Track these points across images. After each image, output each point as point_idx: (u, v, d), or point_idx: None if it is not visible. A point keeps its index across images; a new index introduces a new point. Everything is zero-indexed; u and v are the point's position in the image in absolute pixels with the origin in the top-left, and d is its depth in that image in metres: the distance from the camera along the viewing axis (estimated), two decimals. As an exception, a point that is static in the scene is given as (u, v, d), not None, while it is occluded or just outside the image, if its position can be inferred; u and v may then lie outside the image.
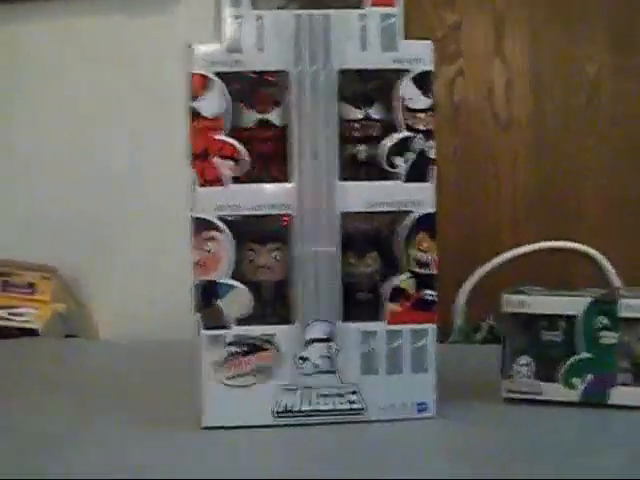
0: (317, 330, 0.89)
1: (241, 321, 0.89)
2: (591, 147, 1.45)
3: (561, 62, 1.45)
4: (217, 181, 0.88)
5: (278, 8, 0.89)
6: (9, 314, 1.42)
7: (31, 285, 1.45)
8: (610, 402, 0.94)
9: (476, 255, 1.43)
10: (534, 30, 1.46)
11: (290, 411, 0.90)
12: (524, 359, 0.96)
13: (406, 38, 0.89)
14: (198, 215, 0.88)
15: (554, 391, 0.95)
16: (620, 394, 0.94)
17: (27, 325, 1.41)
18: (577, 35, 1.44)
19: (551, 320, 0.95)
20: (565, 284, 1.03)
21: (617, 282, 1.39)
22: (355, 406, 0.90)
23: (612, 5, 1.43)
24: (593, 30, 1.43)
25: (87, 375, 1.15)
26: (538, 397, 0.96)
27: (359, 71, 0.89)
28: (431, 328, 0.91)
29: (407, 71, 0.89)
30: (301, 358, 0.89)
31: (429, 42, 0.89)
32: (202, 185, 0.88)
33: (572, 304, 0.95)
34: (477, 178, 1.47)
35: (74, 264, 1.51)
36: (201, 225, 0.88)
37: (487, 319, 1.35)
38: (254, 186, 0.89)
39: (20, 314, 1.42)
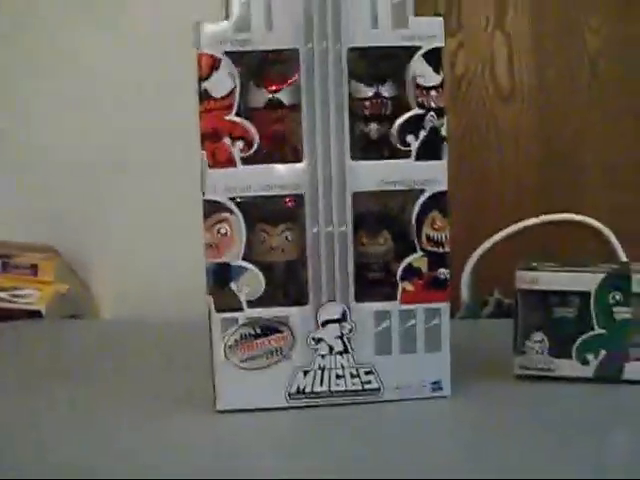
0: (331, 311, 0.89)
1: (254, 303, 0.88)
2: (596, 119, 1.43)
3: (564, 33, 1.43)
4: (228, 162, 0.87)
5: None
6: (11, 295, 1.41)
7: (33, 266, 1.44)
8: (624, 378, 0.94)
9: (480, 229, 1.42)
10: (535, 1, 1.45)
11: (304, 392, 0.89)
12: (537, 336, 0.96)
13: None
14: (209, 197, 0.87)
15: (568, 367, 0.95)
16: (634, 369, 0.94)
17: (30, 306, 1.39)
18: (580, 5, 1.42)
19: (564, 296, 0.95)
20: (571, 257, 1.02)
21: (622, 255, 1.39)
22: (370, 386, 0.90)
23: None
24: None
25: (93, 356, 1.14)
26: (551, 374, 0.95)
27: (370, 49, 0.88)
28: (444, 307, 0.90)
29: (418, 48, 0.87)
30: (315, 339, 0.89)
31: (439, 19, 0.88)
32: (212, 166, 0.87)
33: (585, 280, 0.94)
34: (480, 151, 1.45)
35: (73, 244, 1.49)
36: (212, 207, 0.87)
37: (494, 293, 1.34)
38: (265, 166, 0.88)
39: (23, 295, 1.41)
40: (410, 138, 0.88)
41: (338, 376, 0.89)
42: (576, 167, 1.43)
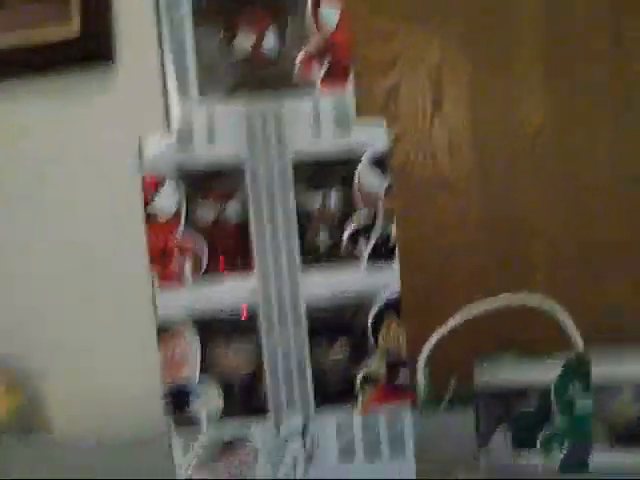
0: (292, 424, 0.87)
1: (214, 420, 0.87)
2: (539, 200, 1.45)
3: (503, 117, 1.45)
4: (178, 281, 0.86)
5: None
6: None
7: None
8: (590, 466, 0.93)
9: (432, 319, 1.42)
10: (472, 87, 1.47)
11: (270, 509, 0.88)
12: (501, 430, 0.95)
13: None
14: (162, 317, 0.86)
15: (533, 460, 0.94)
16: (599, 459, 0.93)
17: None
18: (517, 88, 1.44)
19: (524, 390, 0.94)
20: (528, 345, 1.02)
21: (575, 334, 1.39)
22: (336, 498, 0.88)
23: (549, 55, 1.43)
24: (533, 82, 1.44)
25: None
26: (517, 467, 0.95)
27: (315, 157, 0.88)
28: (405, 412, 0.89)
29: (363, 154, 0.88)
30: (277, 453, 0.87)
31: (382, 122, 0.88)
32: (163, 286, 0.86)
33: (544, 373, 0.94)
34: (425, 242, 1.46)
35: (25, 360, 1.47)
36: (166, 327, 0.86)
37: (451, 383, 1.33)
38: (216, 282, 0.87)
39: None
40: (360, 245, 0.88)
41: (303, 490, 0.88)
42: (525, 249, 1.44)
